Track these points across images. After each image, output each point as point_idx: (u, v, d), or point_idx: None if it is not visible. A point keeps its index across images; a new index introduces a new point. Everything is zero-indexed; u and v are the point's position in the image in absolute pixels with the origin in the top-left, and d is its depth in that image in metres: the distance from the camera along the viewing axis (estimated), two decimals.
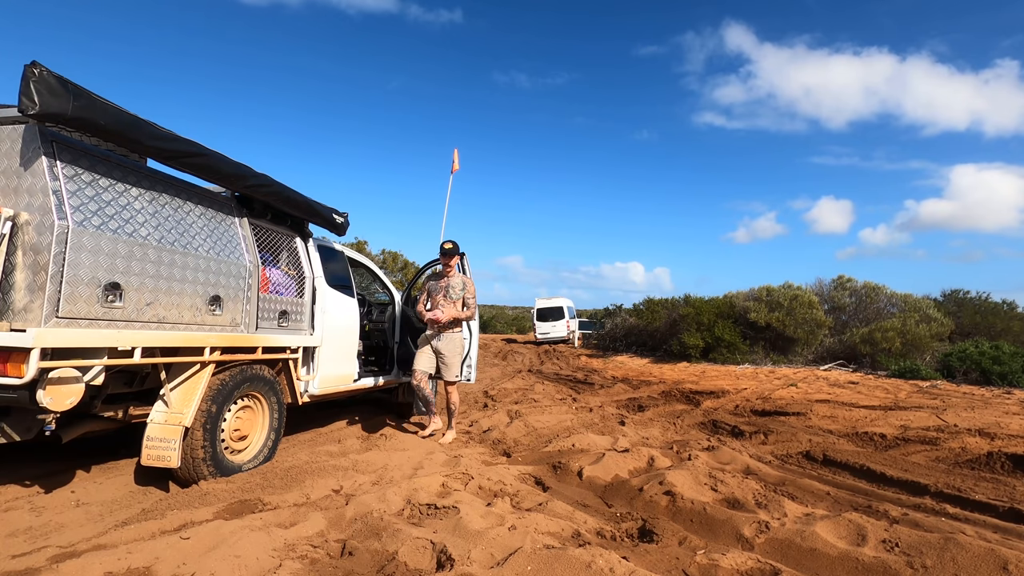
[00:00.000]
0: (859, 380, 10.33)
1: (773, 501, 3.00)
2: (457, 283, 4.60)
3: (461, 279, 4.61)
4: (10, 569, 1.99)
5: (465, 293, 4.61)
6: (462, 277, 4.63)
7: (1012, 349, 10.34)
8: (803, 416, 6.38)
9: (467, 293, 4.62)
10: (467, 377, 4.88)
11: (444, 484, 3.15)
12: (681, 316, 16.47)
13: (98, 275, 2.55)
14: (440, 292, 4.62)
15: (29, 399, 2.29)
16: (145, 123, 2.78)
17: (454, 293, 4.60)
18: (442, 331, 4.56)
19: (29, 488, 2.97)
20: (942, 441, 4.89)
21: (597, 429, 5.21)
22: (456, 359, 4.58)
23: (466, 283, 4.63)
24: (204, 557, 2.05)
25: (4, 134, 2.47)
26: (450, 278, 4.64)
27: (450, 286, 4.61)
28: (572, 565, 1.98)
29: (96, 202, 2.61)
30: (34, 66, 2.24)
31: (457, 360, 4.59)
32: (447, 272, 4.64)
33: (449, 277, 4.64)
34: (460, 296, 4.59)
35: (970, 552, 2.21)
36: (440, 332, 4.57)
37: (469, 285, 4.64)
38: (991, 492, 3.46)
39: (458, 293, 4.59)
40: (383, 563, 2.11)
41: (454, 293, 4.60)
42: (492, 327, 45.03)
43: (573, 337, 24.65)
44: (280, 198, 3.81)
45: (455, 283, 4.61)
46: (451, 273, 4.65)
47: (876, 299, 15.13)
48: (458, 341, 4.61)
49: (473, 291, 4.64)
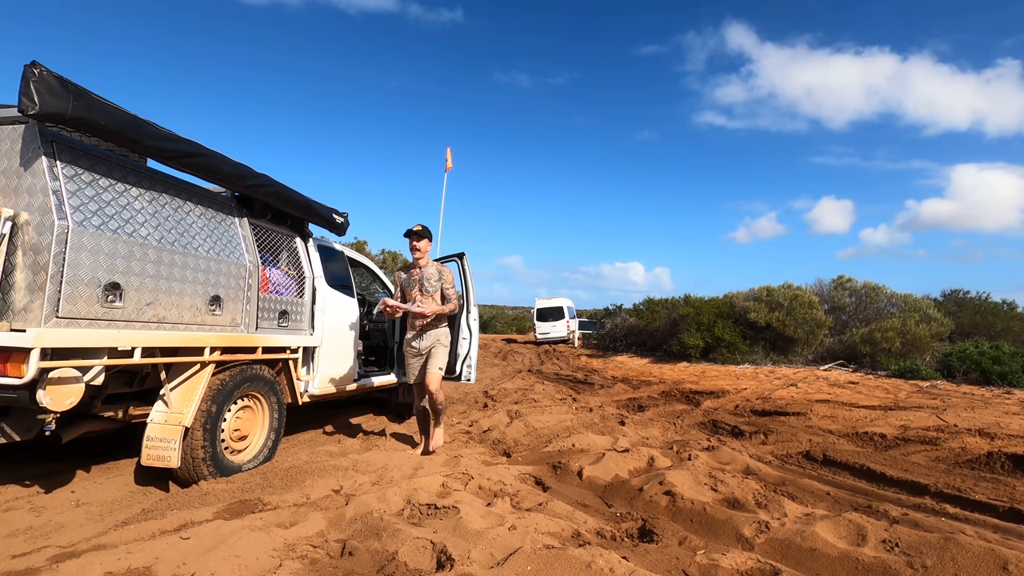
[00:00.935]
0: (859, 380, 10.33)
1: (773, 501, 3.00)
2: (432, 273, 4.01)
3: (436, 268, 4.03)
4: (10, 569, 1.99)
5: (443, 283, 4.01)
6: (436, 265, 4.05)
7: (1012, 349, 10.34)
8: (803, 416, 6.38)
9: (445, 283, 4.01)
10: (467, 377, 4.78)
11: (444, 484, 3.14)
12: (681, 316, 16.48)
13: (98, 275, 2.55)
14: (414, 286, 4.02)
15: (29, 399, 2.29)
16: (145, 123, 2.78)
17: (430, 285, 3.99)
18: (424, 330, 4.00)
19: (29, 488, 2.97)
20: (942, 441, 4.89)
21: (597, 429, 5.21)
22: (441, 350, 3.99)
23: (442, 272, 4.04)
24: (204, 557, 2.05)
25: (4, 134, 2.47)
26: (423, 268, 4.03)
27: (424, 277, 4.00)
28: (572, 565, 1.98)
29: (96, 202, 2.61)
30: (34, 66, 2.25)
31: (442, 351, 3.99)
32: (418, 261, 4.04)
33: (422, 267, 4.04)
34: (437, 288, 4.00)
35: (970, 552, 2.21)
36: (422, 332, 4.01)
37: (446, 274, 4.05)
38: (991, 492, 3.46)
39: (435, 284, 3.99)
40: (383, 563, 2.11)
41: (430, 285, 3.99)
42: (492, 327, 45.03)
43: (573, 337, 24.65)
44: (280, 198, 3.81)
45: (429, 273, 4.01)
46: (423, 262, 4.04)
47: (876, 299, 15.13)
48: (443, 334, 4.05)
49: (452, 280, 4.03)
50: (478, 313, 4.80)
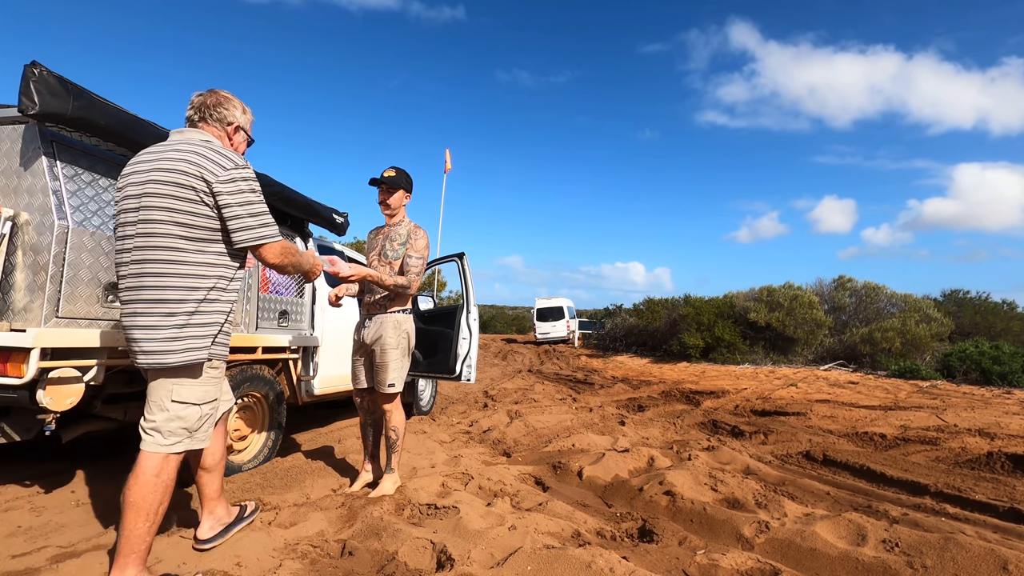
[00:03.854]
0: (859, 380, 10.33)
1: (773, 501, 3.01)
2: (401, 232, 2.94)
3: (408, 228, 2.96)
4: (10, 569, 1.99)
5: (408, 249, 2.90)
6: (410, 225, 2.98)
7: (1012, 349, 10.35)
8: (803, 416, 6.38)
9: (411, 248, 2.90)
10: (467, 377, 4.78)
11: (444, 484, 3.15)
12: (681, 316, 16.49)
13: (98, 275, 2.55)
14: (375, 249, 3.01)
15: (29, 399, 2.28)
16: (145, 123, 2.78)
17: (391, 249, 2.92)
18: (372, 313, 2.92)
19: (29, 488, 2.97)
20: (942, 441, 4.89)
21: (597, 429, 5.21)
22: (393, 354, 2.85)
23: (412, 234, 2.94)
24: (204, 557, 2.05)
25: (4, 134, 2.47)
26: (392, 227, 2.99)
27: (388, 239, 2.95)
28: (572, 565, 1.98)
29: (96, 202, 2.61)
30: (34, 66, 2.25)
31: (395, 356, 2.85)
32: (389, 219, 3.02)
33: (391, 226, 3.00)
34: (400, 254, 2.90)
35: (970, 552, 2.21)
36: (369, 314, 2.94)
37: (417, 238, 2.93)
38: (991, 492, 3.46)
39: (397, 249, 2.91)
40: (383, 563, 2.11)
41: (391, 249, 2.92)
42: (492, 327, 45.05)
43: (573, 337, 24.66)
44: (280, 198, 3.80)
45: (397, 234, 2.95)
46: (394, 220, 3.00)
47: (876, 299, 15.15)
48: (400, 326, 2.89)
49: (422, 248, 2.92)
50: (478, 313, 4.77)
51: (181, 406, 1.86)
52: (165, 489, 1.80)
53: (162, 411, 1.83)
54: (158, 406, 1.84)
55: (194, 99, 2.02)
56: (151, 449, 1.82)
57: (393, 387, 2.88)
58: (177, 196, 1.76)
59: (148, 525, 1.75)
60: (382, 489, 2.90)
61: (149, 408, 1.85)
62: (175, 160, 1.80)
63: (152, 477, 1.78)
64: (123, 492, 1.78)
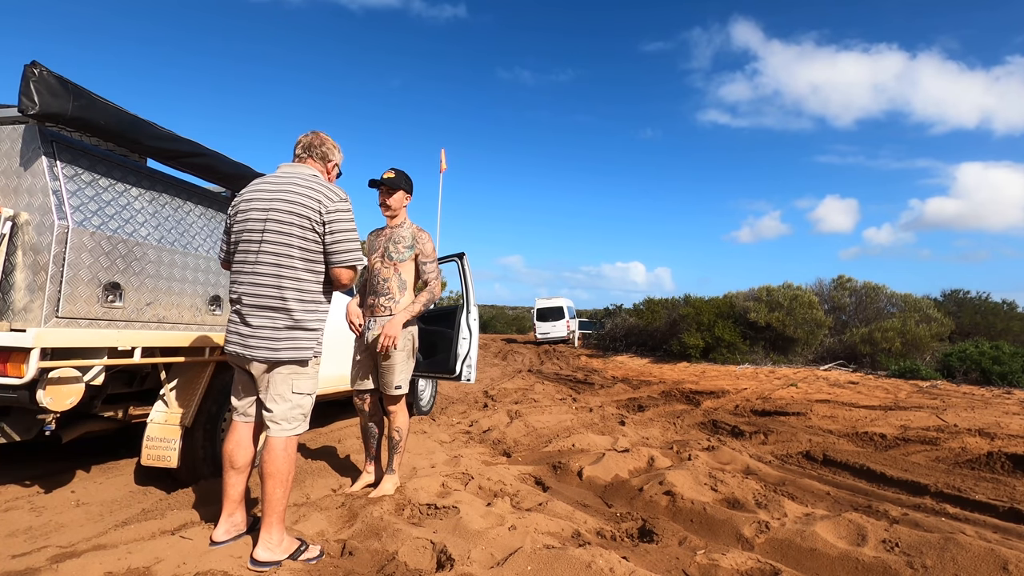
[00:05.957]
0: (859, 380, 10.33)
1: (773, 501, 3.01)
2: (404, 235, 2.94)
3: (411, 230, 2.97)
4: (10, 569, 1.99)
5: (420, 256, 2.94)
6: (412, 228, 2.98)
7: (1012, 349, 10.35)
8: (803, 416, 6.38)
9: (422, 255, 2.94)
10: (467, 377, 4.77)
11: (444, 484, 3.14)
12: (681, 316, 16.48)
13: (98, 275, 2.55)
14: (377, 251, 2.99)
15: (29, 399, 2.29)
16: (145, 123, 2.78)
17: (396, 252, 2.91)
18: (377, 313, 2.94)
19: (29, 488, 2.97)
20: (942, 441, 4.89)
21: (597, 429, 5.21)
22: (399, 356, 2.89)
23: (418, 238, 2.95)
24: (204, 557, 2.05)
25: (4, 134, 2.47)
26: (394, 229, 2.99)
27: (392, 241, 2.95)
28: (572, 565, 1.98)
29: (96, 202, 2.61)
30: (34, 66, 2.25)
31: (401, 358, 2.90)
32: (390, 221, 3.02)
33: (393, 228, 3.00)
34: (407, 257, 2.91)
35: (970, 552, 2.21)
36: (375, 314, 2.95)
37: (425, 242, 2.95)
38: (991, 492, 3.46)
39: (403, 252, 2.91)
40: (383, 563, 2.11)
41: (396, 252, 2.91)
42: (492, 327, 45.04)
43: (573, 337, 24.65)
44: None
45: (401, 235, 2.94)
46: (395, 221, 3.00)
47: (876, 299, 15.15)
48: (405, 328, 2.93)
49: (431, 252, 2.96)
50: (478, 313, 4.77)
51: (300, 396, 2.18)
52: (292, 460, 2.15)
53: (285, 401, 2.15)
54: (281, 397, 2.15)
55: (302, 139, 2.37)
56: (278, 435, 2.13)
57: (400, 389, 2.97)
58: (294, 224, 2.11)
59: (283, 490, 2.11)
60: (382, 489, 2.93)
61: (271, 400, 2.14)
62: (295, 193, 2.14)
63: (281, 452, 2.11)
64: (259, 467, 2.13)
